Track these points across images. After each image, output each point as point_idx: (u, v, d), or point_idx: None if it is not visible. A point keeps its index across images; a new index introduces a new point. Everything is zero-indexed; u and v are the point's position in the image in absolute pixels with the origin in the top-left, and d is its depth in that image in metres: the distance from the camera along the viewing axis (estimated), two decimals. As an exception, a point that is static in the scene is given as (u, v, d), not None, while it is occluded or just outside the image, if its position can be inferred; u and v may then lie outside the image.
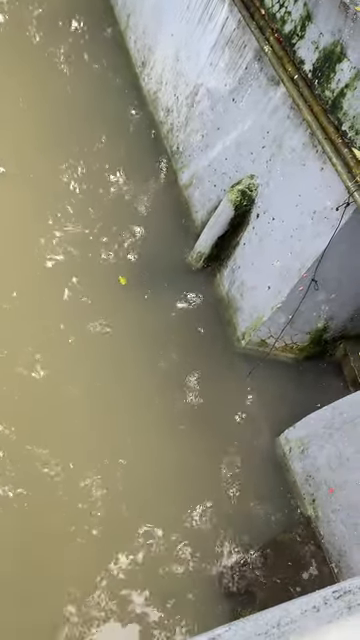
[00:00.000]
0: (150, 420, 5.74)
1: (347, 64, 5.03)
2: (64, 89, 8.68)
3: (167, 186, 7.66)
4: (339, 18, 5.04)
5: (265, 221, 5.97)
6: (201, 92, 7.07)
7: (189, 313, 6.62)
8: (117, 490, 5.24)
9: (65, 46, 9.34)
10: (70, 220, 7.07)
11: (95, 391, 5.76)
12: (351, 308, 5.90)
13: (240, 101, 6.38)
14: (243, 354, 6.34)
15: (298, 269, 5.49)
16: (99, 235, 7.01)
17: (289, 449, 5.45)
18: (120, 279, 6.56)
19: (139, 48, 8.72)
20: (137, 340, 6.22)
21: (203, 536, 5.18)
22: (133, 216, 7.31)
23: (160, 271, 6.87)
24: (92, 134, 8.11)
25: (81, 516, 5.07)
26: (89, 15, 9.89)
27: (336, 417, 5.00)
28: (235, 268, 6.41)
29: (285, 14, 5.75)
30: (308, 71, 5.44)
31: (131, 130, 8.32)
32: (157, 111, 8.13)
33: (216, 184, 6.72)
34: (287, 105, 5.65)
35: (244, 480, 5.55)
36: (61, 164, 7.66)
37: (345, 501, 4.79)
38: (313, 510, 5.08)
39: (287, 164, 5.66)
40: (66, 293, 6.43)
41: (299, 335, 6.11)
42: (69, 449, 5.36)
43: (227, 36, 6.59)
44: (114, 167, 7.76)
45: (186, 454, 5.60)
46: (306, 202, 5.41)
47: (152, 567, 4.95)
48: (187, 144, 7.37)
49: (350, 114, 4.99)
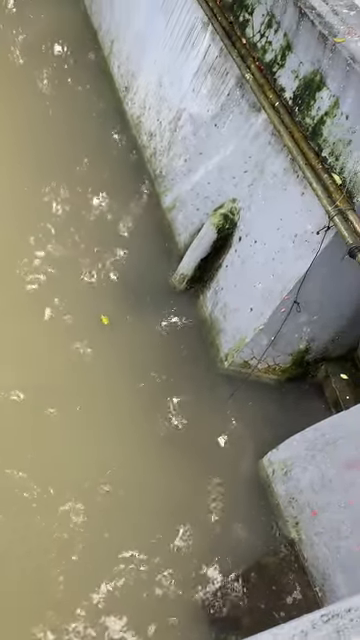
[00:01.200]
0: (132, 442, 5.68)
1: (327, 92, 5.18)
2: (48, 112, 8.75)
3: (150, 209, 7.72)
4: (318, 48, 5.20)
5: (247, 244, 6.04)
6: (184, 117, 7.19)
7: (172, 334, 6.62)
8: (98, 514, 5.16)
9: (49, 70, 9.44)
10: (52, 241, 7.07)
11: (76, 414, 5.70)
12: (332, 330, 5.97)
13: (222, 127, 6.50)
14: (226, 375, 6.34)
15: (280, 291, 5.55)
16: (81, 256, 7.01)
17: (272, 471, 5.44)
18: (102, 318, 6.38)
19: (122, 73, 8.86)
20: (119, 361, 6.19)
21: (186, 560, 5.11)
22: (116, 238, 7.33)
23: (143, 292, 6.88)
24: (75, 157, 8.16)
25: (61, 542, 4.97)
26: (73, 40, 10.03)
27: (318, 438, 5.01)
28: (218, 290, 6.45)
29: (266, 44, 5.91)
30: (289, 98, 5.58)
31: (114, 153, 8.40)
32: (140, 135, 8.24)
33: (199, 207, 6.80)
34: (268, 131, 5.77)
35: (227, 503, 5.51)
36: (44, 185, 7.69)
37: (328, 523, 4.78)
38: (296, 533, 5.05)
39: (269, 188, 5.76)
40: (47, 314, 6.40)
41: (281, 356, 6.15)
42: (49, 473, 5.27)
43: (209, 63, 6.74)
44: (97, 189, 7.81)
45: (168, 477, 5.54)
46: (287, 226, 5.50)
47: (134, 592, 4.86)
48: (170, 168, 7.46)
49: (330, 140, 5.12)
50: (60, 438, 5.53)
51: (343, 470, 4.75)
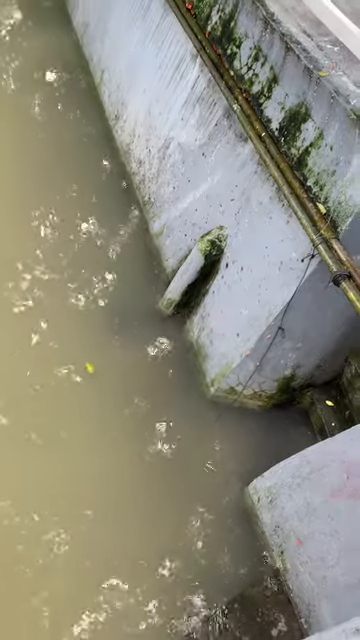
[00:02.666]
0: (117, 469, 5.62)
1: (311, 124, 5.30)
2: (38, 137, 8.85)
3: (138, 234, 7.78)
4: (303, 81, 5.34)
5: (234, 270, 6.09)
6: (172, 146, 7.31)
7: (158, 359, 6.62)
8: (82, 543, 5.07)
9: (40, 97, 9.58)
10: (40, 265, 7.08)
11: (60, 439, 5.64)
12: (317, 356, 6.00)
13: (210, 156, 6.61)
14: (212, 401, 6.33)
15: (266, 317, 5.59)
16: (69, 280, 7.03)
17: (258, 499, 5.40)
18: (87, 366, 6.15)
19: (113, 102, 9.02)
20: (105, 386, 6.16)
21: (169, 590, 5.02)
22: (104, 262, 7.37)
23: (130, 317, 6.89)
24: (64, 182, 8.24)
25: (43, 570, 4.87)
26: (65, 68, 10.22)
27: (304, 466, 5.00)
28: (205, 315, 6.48)
29: (253, 76, 6.06)
30: (275, 129, 5.70)
31: (103, 180, 8.49)
32: (129, 162, 8.35)
33: (186, 234, 6.86)
34: (255, 161, 5.88)
35: (212, 531, 5.44)
36: (33, 210, 7.73)
37: (313, 552, 4.74)
38: (282, 562, 4.99)
39: (255, 217, 5.84)
40: (33, 338, 6.37)
41: (267, 382, 6.15)
42: (31, 500, 5.19)
43: (198, 94, 6.89)
44: (85, 215, 7.87)
45: (153, 504, 5.48)
46: (273, 253, 5.57)
47: (116, 623, 4.75)
48: (158, 195, 7.55)
49: (315, 171, 5.22)
50: (43, 464, 5.45)
51: (328, 498, 4.73)
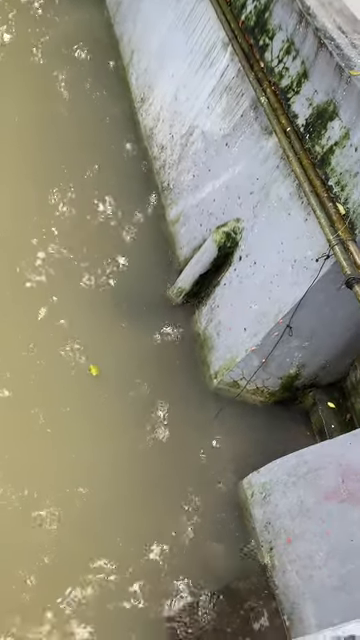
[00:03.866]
0: (114, 451, 5.66)
1: (338, 123, 5.22)
2: (62, 113, 8.81)
3: (154, 220, 7.75)
4: (334, 79, 5.26)
5: (247, 264, 6.06)
6: (196, 133, 7.25)
7: (164, 347, 6.62)
8: (74, 521, 5.12)
9: (68, 73, 9.51)
10: (54, 242, 7.08)
11: (60, 417, 5.68)
12: (323, 357, 5.98)
13: (233, 146, 6.55)
14: (214, 393, 6.34)
15: (275, 314, 5.57)
16: (82, 260, 7.02)
17: (251, 494, 5.42)
18: (91, 368, 6.01)
19: (140, 84, 8.94)
20: (109, 368, 6.18)
21: (156, 575, 5.07)
22: (118, 245, 7.36)
23: (139, 302, 6.89)
24: (85, 161, 8.20)
25: (34, 547, 4.93)
26: (94, 47, 10.12)
27: (300, 465, 5.00)
28: (214, 307, 6.46)
29: (283, 69, 5.97)
30: (301, 125, 5.63)
31: (124, 162, 8.44)
32: (151, 147, 8.29)
33: (202, 223, 6.83)
34: (277, 155, 5.81)
35: (204, 521, 5.48)
36: (52, 187, 7.71)
37: (302, 552, 4.76)
38: (270, 559, 5.02)
39: (273, 212, 5.79)
40: (42, 313, 6.39)
41: (271, 379, 6.14)
42: (26, 476, 5.23)
43: (226, 83, 6.81)
44: (103, 196, 7.84)
45: (147, 489, 5.52)
46: (288, 250, 5.53)
47: (101, 602, 4.81)
48: (178, 182, 7.50)
49: (337, 170, 5.16)
50: (42, 440, 5.50)
51: (322, 500, 4.73)
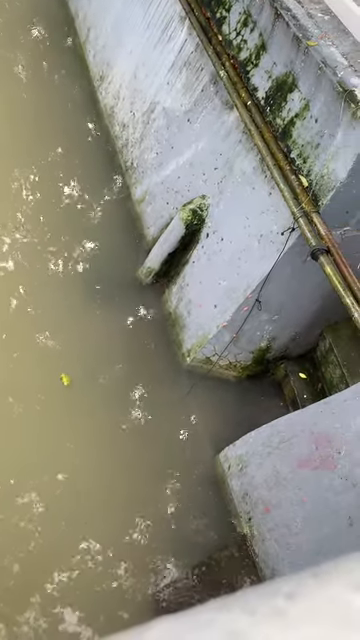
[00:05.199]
0: (92, 434, 5.68)
1: (298, 95, 5.22)
2: (20, 96, 8.60)
3: (120, 200, 7.68)
4: (292, 50, 5.24)
5: (214, 241, 6.07)
6: (157, 110, 7.17)
7: (136, 328, 6.62)
8: (56, 505, 5.15)
9: (24, 53, 9.26)
10: (20, 228, 6.97)
11: (36, 404, 5.66)
12: (293, 329, 6.06)
13: (195, 122, 6.50)
14: (188, 371, 6.38)
15: (244, 289, 5.60)
16: (49, 245, 6.93)
17: (228, 467, 5.51)
18: (62, 378, 5.82)
19: (98, 62, 8.77)
20: (82, 353, 6.17)
21: (140, 553, 5.15)
22: (84, 228, 7.28)
23: (109, 284, 6.85)
24: (47, 143, 8.05)
25: (17, 532, 4.95)
26: (50, 25, 9.86)
27: (274, 436, 5.10)
28: (183, 285, 6.47)
29: (241, 42, 5.92)
30: (261, 98, 5.61)
31: (87, 142, 8.31)
32: (113, 126, 8.17)
33: (168, 202, 6.79)
34: (239, 130, 5.80)
35: (183, 497, 5.56)
36: (13, 171, 7.56)
37: (280, 520, 4.87)
38: (249, 529, 5.14)
39: (237, 187, 5.80)
40: (12, 303, 6.32)
41: (243, 354, 6.21)
42: (6, 464, 5.23)
43: (185, 58, 6.72)
44: (68, 178, 7.72)
45: (126, 470, 5.57)
46: (254, 225, 5.55)
47: (87, 584, 4.88)
48: (141, 160, 7.43)
49: (299, 142, 5.17)
50: (19, 428, 5.49)
51: (296, 468, 4.84)
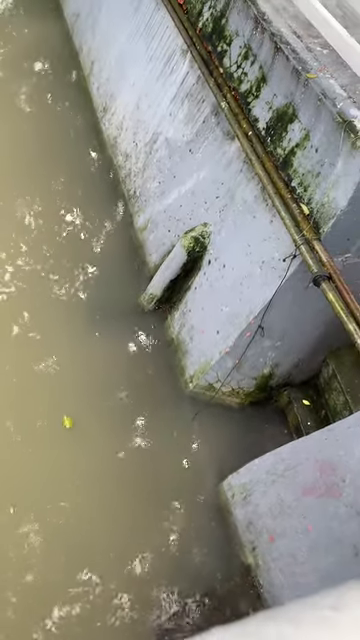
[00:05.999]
0: (93, 462, 5.63)
1: (298, 125, 5.33)
2: (25, 127, 8.78)
3: (122, 228, 7.76)
4: (292, 82, 5.36)
5: (216, 267, 6.12)
6: (160, 141, 7.30)
7: (139, 354, 6.62)
8: (56, 536, 5.07)
9: (28, 86, 9.49)
10: (23, 255, 7.04)
11: (37, 432, 5.63)
12: (296, 356, 6.06)
13: (197, 152, 6.62)
14: (191, 397, 6.35)
15: (246, 315, 5.62)
16: (52, 272, 6.99)
17: (232, 495, 5.44)
18: (65, 420, 5.72)
19: (101, 94, 8.97)
20: (85, 380, 6.15)
21: (142, 585, 5.05)
22: (87, 255, 7.34)
23: (112, 311, 6.88)
24: (51, 172, 8.18)
25: (16, 563, 4.86)
26: (54, 58, 10.13)
27: (278, 463, 5.05)
28: (186, 311, 6.50)
29: (242, 74, 6.07)
30: (262, 129, 5.72)
31: (90, 172, 8.45)
32: (116, 156, 8.32)
33: (170, 229, 6.87)
34: (241, 159, 5.90)
35: (186, 527, 5.48)
36: (18, 199, 7.67)
37: (285, 549, 4.79)
38: (253, 558, 5.04)
39: (239, 215, 5.87)
40: (14, 329, 6.33)
41: (246, 380, 6.19)
42: (6, 493, 5.17)
43: (186, 90, 6.88)
44: (71, 206, 7.83)
45: (128, 499, 5.50)
46: (255, 252, 5.60)
47: (88, 618, 4.76)
48: (144, 189, 7.54)
49: (299, 171, 5.25)
50: (18, 455, 5.44)
51: (301, 496, 4.78)
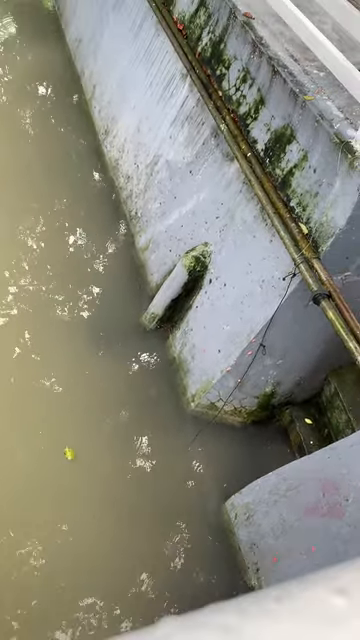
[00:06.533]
0: (95, 482, 5.60)
1: (296, 146, 5.40)
2: (28, 149, 8.92)
3: (124, 248, 7.84)
4: (289, 104, 5.45)
5: (217, 287, 6.15)
6: (160, 163, 7.40)
7: (141, 373, 6.63)
8: (57, 558, 5.03)
9: (32, 110, 9.67)
10: (26, 276, 7.10)
11: (38, 451, 5.62)
12: (297, 374, 6.06)
13: (197, 173, 6.70)
14: (193, 416, 6.34)
15: (247, 334, 5.64)
16: (54, 292, 7.04)
17: (235, 515, 5.40)
18: (66, 452, 5.67)
19: (103, 117, 9.11)
20: (86, 399, 6.16)
21: (145, 608, 4.99)
22: (89, 275, 7.40)
23: (114, 330, 6.91)
24: (53, 194, 8.29)
25: (17, 586, 4.82)
26: (57, 83, 10.33)
27: (280, 483, 5.02)
28: (187, 330, 6.52)
29: (240, 97, 6.17)
30: (260, 150, 5.80)
31: (92, 193, 8.55)
32: (118, 177, 8.42)
33: (171, 249, 6.93)
34: (240, 180, 5.97)
35: (189, 548, 5.43)
36: (21, 221, 7.76)
37: (289, 571, 4.74)
38: (257, 580, 4.99)
39: (239, 234, 5.92)
40: (16, 350, 6.36)
41: (248, 399, 6.19)
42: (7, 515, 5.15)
43: (186, 113, 6.99)
44: (74, 227, 7.91)
45: (131, 520, 5.46)
46: (256, 271, 5.63)
47: (90, 641, 4.72)
48: (145, 210, 7.62)
49: (298, 192, 5.31)
50: (19, 475, 5.43)
51: (304, 516, 4.75)
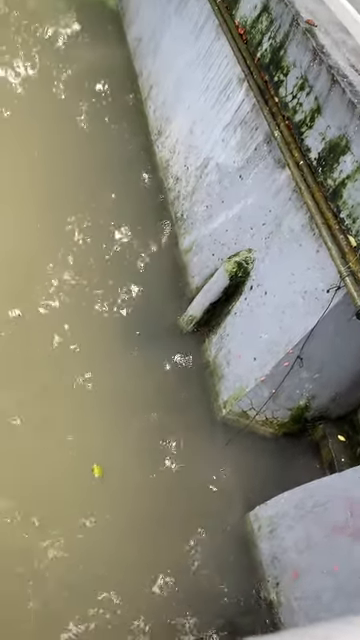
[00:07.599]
0: (121, 481, 5.61)
1: (350, 157, 5.29)
2: (82, 145, 9.04)
3: (167, 248, 7.84)
4: (346, 115, 5.35)
5: (258, 294, 6.09)
6: (210, 166, 7.38)
7: (174, 375, 6.62)
8: (79, 552, 5.06)
9: (88, 106, 9.80)
10: (69, 269, 7.18)
11: (69, 444, 5.66)
12: (333, 389, 5.93)
13: (246, 178, 6.65)
14: (223, 423, 6.29)
15: (285, 344, 5.56)
16: (96, 287, 7.10)
17: (258, 527, 5.32)
18: (94, 468, 5.61)
19: (157, 117, 9.16)
20: (119, 396, 6.18)
21: (160, 609, 4.96)
22: (131, 273, 7.44)
23: (151, 330, 6.92)
24: (103, 190, 8.37)
25: (37, 577, 4.86)
26: (114, 81, 10.44)
27: (308, 499, 4.92)
28: (224, 336, 6.47)
29: (297, 104, 6.09)
30: (313, 159, 5.71)
31: (141, 192, 8.60)
32: (167, 178, 8.45)
33: (214, 253, 6.89)
34: (290, 188, 5.89)
35: (209, 554, 5.38)
36: (69, 215, 7.87)
37: (309, 588, 4.64)
38: (276, 595, 4.90)
39: (284, 243, 5.84)
40: (55, 340, 6.44)
41: (281, 410, 6.09)
42: (35, 504, 5.20)
43: (241, 117, 6.95)
44: (119, 224, 7.97)
45: (153, 521, 5.44)
46: (299, 281, 5.55)
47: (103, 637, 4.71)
48: (191, 212, 7.61)
49: (349, 203, 5.20)
50: (50, 469, 5.48)
51: (329, 534, 4.64)
